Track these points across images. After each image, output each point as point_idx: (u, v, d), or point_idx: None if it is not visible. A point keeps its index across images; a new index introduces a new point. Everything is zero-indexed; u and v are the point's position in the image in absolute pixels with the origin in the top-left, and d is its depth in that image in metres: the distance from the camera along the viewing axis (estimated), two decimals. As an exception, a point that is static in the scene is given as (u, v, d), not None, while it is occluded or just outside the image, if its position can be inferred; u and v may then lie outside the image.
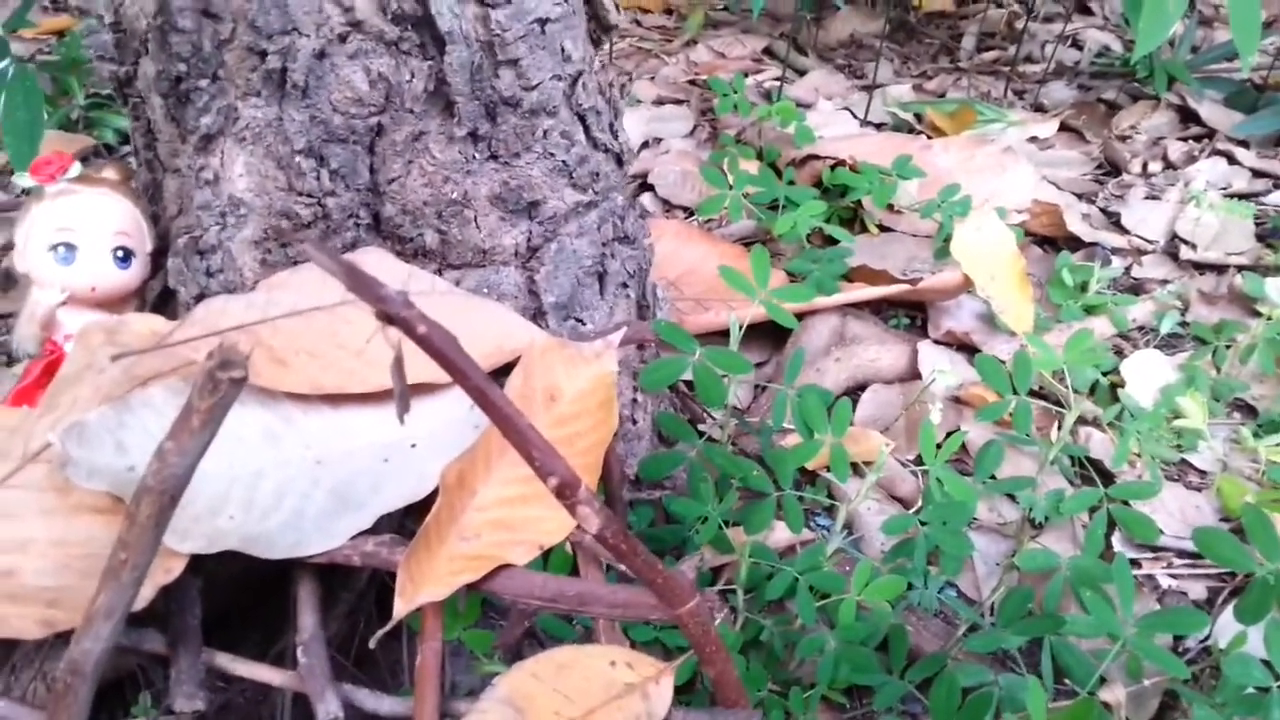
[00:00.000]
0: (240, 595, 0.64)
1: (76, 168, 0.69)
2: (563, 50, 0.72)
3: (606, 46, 0.79)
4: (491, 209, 0.72)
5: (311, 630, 0.54)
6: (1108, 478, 0.95)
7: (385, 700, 0.54)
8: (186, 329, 0.58)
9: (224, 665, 0.54)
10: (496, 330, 0.63)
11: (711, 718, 0.53)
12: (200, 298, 0.70)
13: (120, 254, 0.70)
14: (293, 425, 0.57)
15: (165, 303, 0.74)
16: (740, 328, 0.88)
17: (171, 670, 0.53)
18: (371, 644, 0.53)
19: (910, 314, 1.18)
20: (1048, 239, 1.34)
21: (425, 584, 0.54)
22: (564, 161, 0.74)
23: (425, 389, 0.62)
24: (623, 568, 0.50)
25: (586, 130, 0.76)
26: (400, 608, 0.53)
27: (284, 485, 0.54)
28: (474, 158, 0.71)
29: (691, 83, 1.72)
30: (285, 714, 0.66)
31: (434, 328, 0.44)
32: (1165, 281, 1.26)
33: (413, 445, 0.60)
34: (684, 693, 0.74)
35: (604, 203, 0.79)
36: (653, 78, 1.75)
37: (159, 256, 0.73)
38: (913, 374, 1.07)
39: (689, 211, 1.41)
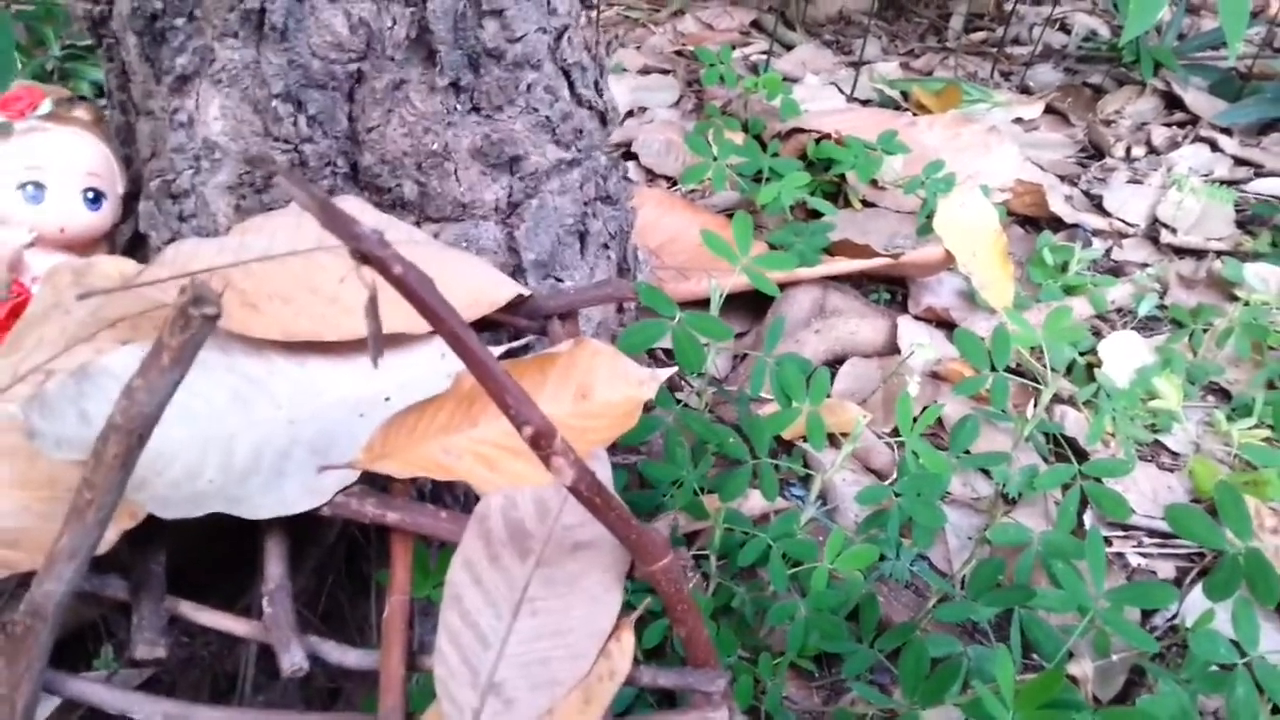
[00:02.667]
0: (208, 545, 0.63)
1: (47, 104, 0.67)
2: (549, 3, 0.70)
3: (594, 13, 0.77)
4: (472, 162, 0.71)
5: (278, 580, 0.53)
6: (1082, 455, 0.95)
7: (351, 653, 0.53)
8: (155, 270, 0.57)
9: (187, 614, 0.53)
10: (475, 283, 0.62)
11: (681, 677, 0.52)
12: (172, 242, 0.69)
13: (90, 195, 0.68)
14: (260, 386, 0.56)
15: (136, 247, 0.72)
16: (721, 295, 0.87)
17: (134, 617, 0.52)
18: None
19: (891, 289, 1.17)
20: (1029, 219, 1.34)
21: (390, 457, 0.54)
22: (547, 117, 0.73)
23: (398, 340, 0.61)
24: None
25: (571, 86, 0.75)
26: (361, 461, 0.53)
27: (260, 445, 0.53)
28: (455, 109, 0.70)
29: (678, 53, 1.70)
30: (250, 667, 0.65)
31: (410, 269, 0.43)
32: (1145, 265, 1.26)
33: (386, 398, 0.59)
34: (654, 656, 0.73)
35: (587, 161, 0.78)
36: (639, 47, 1.73)
37: (130, 200, 0.71)
38: (892, 348, 1.06)
39: (672, 181, 1.39)
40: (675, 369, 0.66)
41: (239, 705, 0.67)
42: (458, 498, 0.69)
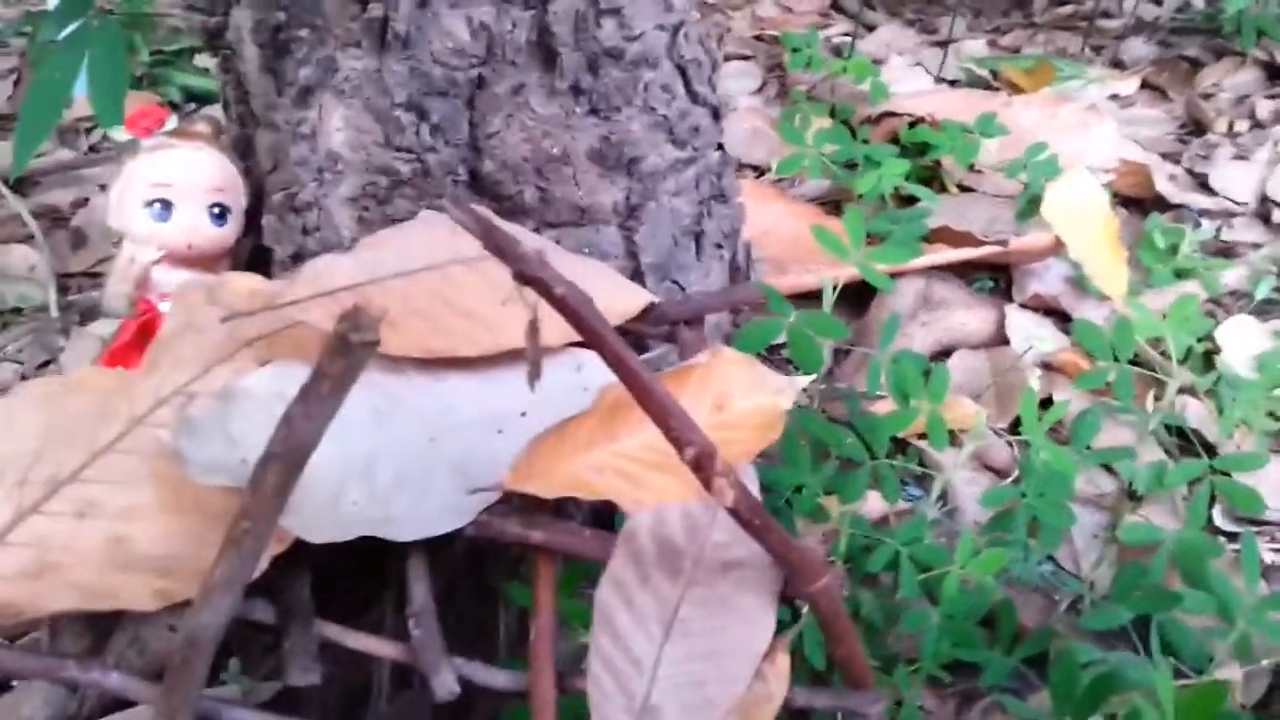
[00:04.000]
0: (342, 563, 0.63)
1: (173, 121, 0.68)
2: None
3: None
4: (591, 165, 0.70)
5: (423, 602, 0.53)
6: (1207, 448, 0.92)
7: (500, 675, 0.52)
8: (294, 289, 0.57)
9: (335, 637, 0.53)
10: (608, 292, 0.61)
11: (838, 699, 0.51)
12: (296, 256, 0.69)
13: (216, 210, 0.68)
14: (400, 404, 0.55)
15: (258, 261, 0.73)
16: (835, 291, 0.85)
17: (285, 642, 0.52)
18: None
19: (994, 277, 1.14)
20: (1132, 200, 1.29)
21: (536, 477, 0.53)
22: (664, 115, 0.72)
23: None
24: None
25: (687, 83, 0.74)
26: (509, 481, 0.52)
27: (402, 467, 0.53)
28: (574, 112, 0.69)
29: (758, 38, 1.67)
30: (384, 686, 0.65)
31: (571, 289, 0.42)
32: (1257, 245, 1.22)
33: (523, 414, 0.58)
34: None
35: (701, 159, 0.76)
36: (721, 34, 1.70)
37: (251, 214, 0.72)
38: (1000, 339, 1.04)
39: (759, 170, 1.37)
40: (813, 376, 0.64)
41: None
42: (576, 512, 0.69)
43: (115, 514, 0.52)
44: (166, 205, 0.67)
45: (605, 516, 0.66)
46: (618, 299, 0.60)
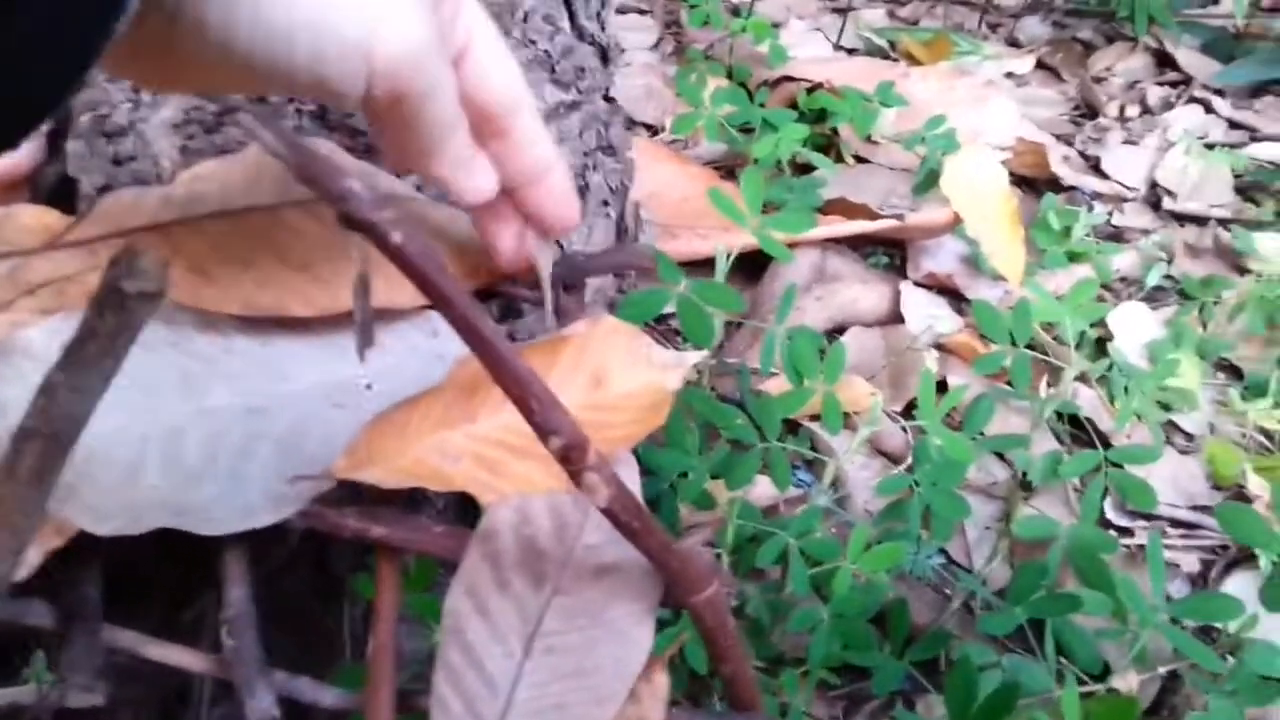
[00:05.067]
0: (144, 551, 0.54)
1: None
2: (552, -82, 0.61)
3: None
4: (460, 104, 0.61)
5: (240, 606, 0.44)
6: (1099, 437, 0.89)
7: (328, 692, 0.44)
8: (87, 226, 0.47)
9: (129, 645, 0.44)
10: (471, 247, 0.53)
11: (721, 720, 0.45)
12: (106, 189, 0.58)
13: (4, 130, 0.57)
14: (214, 368, 0.46)
15: (63, 193, 0.61)
16: (729, 259, 0.79)
17: (64, 656, 0.42)
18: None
19: (889, 252, 1.10)
20: (1026, 180, 1.27)
21: (376, 463, 0.45)
22: (545, 51, 0.64)
23: (381, 315, 0.51)
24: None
25: (572, 16, 0.66)
26: (341, 467, 0.44)
27: (214, 442, 0.44)
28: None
29: (655, -10, 1.59)
30: (203, 697, 0.56)
31: (411, 238, 0.34)
32: (1147, 231, 1.21)
33: (368, 385, 0.50)
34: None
35: (587, 104, 0.68)
36: (612, -18, 1.62)
37: (56, 137, 0.60)
38: (894, 317, 0.99)
39: (652, 130, 1.30)
40: (705, 352, 0.58)
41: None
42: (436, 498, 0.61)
43: None
44: (-59, 121, 0.55)
45: (469, 506, 0.59)
46: (484, 255, 0.52)
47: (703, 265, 0.86)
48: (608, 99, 0.74)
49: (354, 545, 0.63)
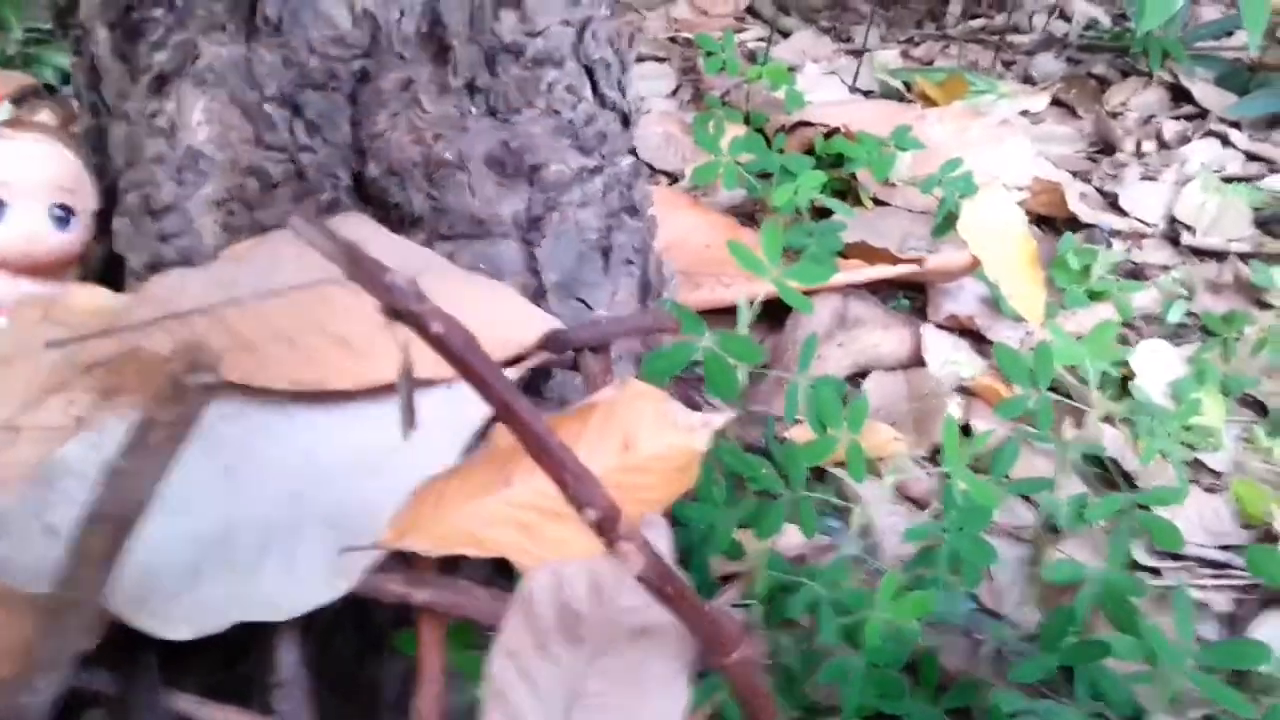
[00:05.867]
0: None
1: (6, 109, 0.59)
2: (573, -7, 0.63)
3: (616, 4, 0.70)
4: (488, 172, 0.64)
5: (292, 670, 0.46)
6: (1126, 477, 0.89)
7: (375, 754, 0.46)
8: (139, 309, 0.49)
9: (187, 710, 0.46)
10: (504, 319, 0.55)
11: (756, 778, 0.46)
12: (153, 266, 0.60)
13: (59, 212, 0.60)
14: (254, 457, 0.48)
15: (110, 270, 0.64)
16: (753, 310, 0.80)
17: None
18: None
19: (909, 295, 1.11)
20: (1044, 218, 1.28)
21: (419, 531, 0.47)
22: (569, 120, 0.66)
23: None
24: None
25: (594, 85, 0.68)
26: (388, 539, 0.46)
27: (264, 532, 0.46)
28: (470, 112, 0.62)
29: (673, 40, 1.62)
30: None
31: (451, 326, 0.36)
32: (1166, 267, 1.21)
33: (397, 451, 0.51)
34: None
35: (610, 168, 0.71)
36: (632, 34, 1.65)
37: (104, 216, 0.63)
38: (916, 360, 1.00)
39: (672, 177, 1.32)
40: (731, 414, 0.59)
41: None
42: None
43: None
44: (0, 205, 0.58)
45: (508, 565, 0.60)
46: (516, 325, 0.54)
47: (726, 313, 0.88)
48: (631, 157, 0.76)
49: (394, 603, 0.64)
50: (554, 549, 0.47)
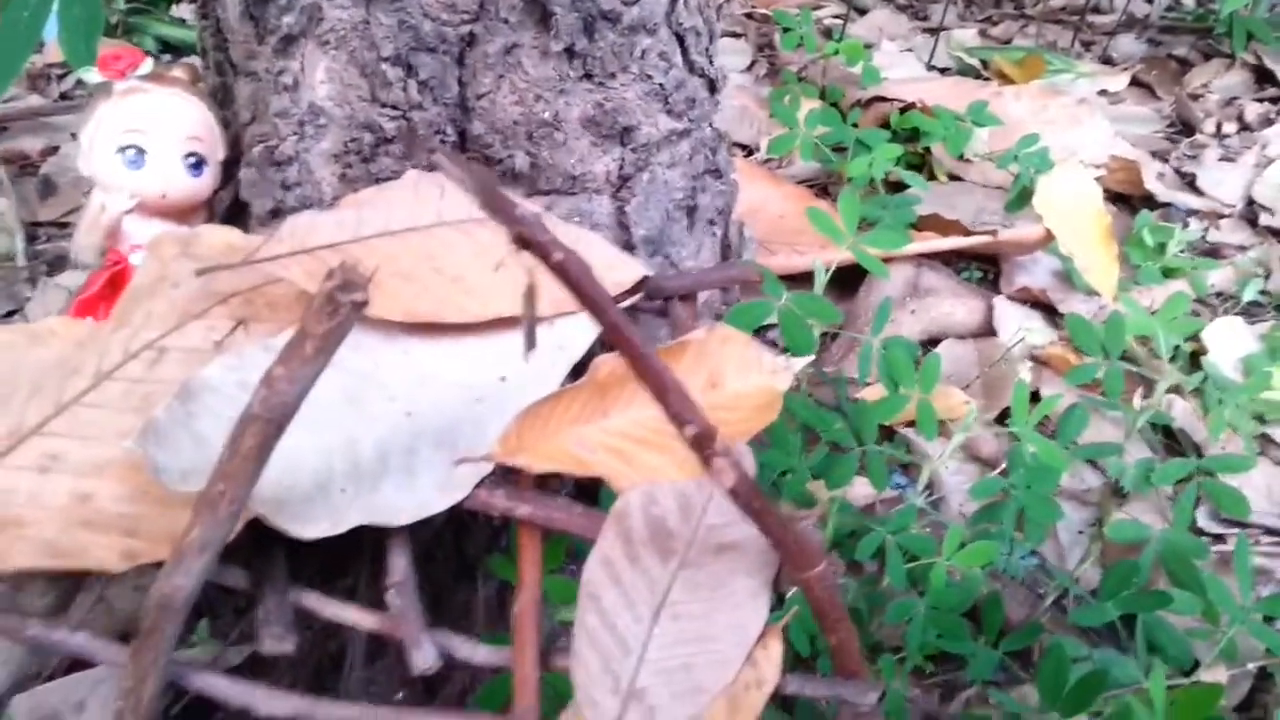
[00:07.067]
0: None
1: (148, 64, 0.64)
2: (668, -37, 0.67)
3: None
4: (583, 132, 0.67)
5: (403, 572, 0.50)
6: (1193, 448, 0.91)
7: (481, 649, 0.50)
8: (274, 245, 0.54)
9: (310, 605, 0.51)
10: (602, 263, 0.58)
11: (830, 687, 0.49)
12: (274, 211, 0.66)
13: (192, 160, 0.65)
14: (371, 381, 0.52)
15: (235, 215, 0.69)
16: (826, 274, 0.84)
17: (259, 609, 0.49)
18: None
19: (983, 267, 1.13)
20: (1120, 196, 1.29)
21: (525, 450, 0.51)
22: (660, 85, 0.69)
23: (506, 322, 0.57)
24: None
25: (684, 52, 0.71)
26: (498, 453, 0.51)
27: (383, 446, 0.50)
28: (568, 76, 0.66)
29: (749, 16, 1.65)
30: (357, 657, 0.63)
31: (570, 255, 0.40)
32: (1243, 247, 1.21)
33: (502, 378, 0.56)
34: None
35: (696, 131, 0.74)
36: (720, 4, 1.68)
37: (228, 165, 0.68)
38: (987, 330, 1.02)
39: (747, 149, 1.35)
40: (811, 358, 0.62)
41: (346, 696, 0.65)
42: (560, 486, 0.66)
43: (81, 470, 0.49)
44: (140, 152, 0.63)
45: (589, 493, 0.64)
46: (614, 268, 0.58)
47: (799, 280, 0.91)
48: (713, 126, 0.79)
49: (487, 531, 0.69)
50: (646, 474, 0.51)
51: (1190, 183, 1.33)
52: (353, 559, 0.64)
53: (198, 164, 0.65)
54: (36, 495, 0.49)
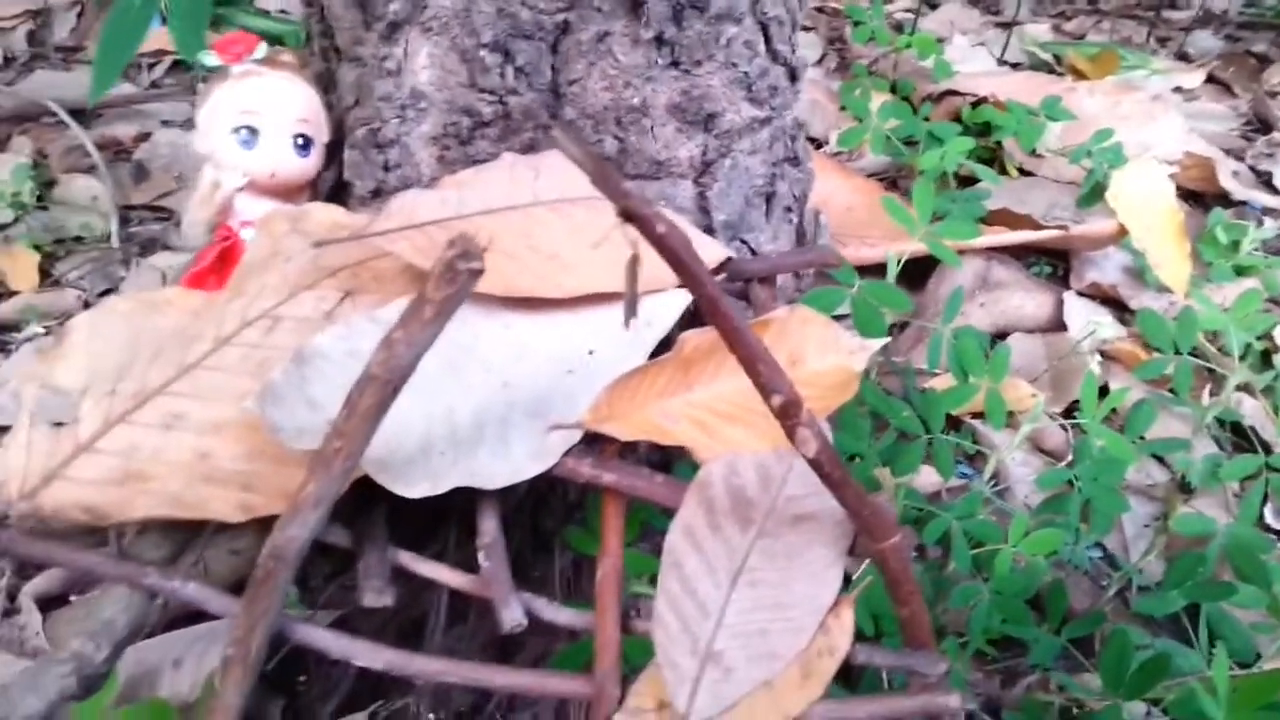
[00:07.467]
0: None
1: (263, 48, 0.68)
2: (754, -45, 0.68)
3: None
4: (669, 119, 0.70)
5: (493, 535, 0.53)
6: (1263, 446, 0.91)
7: (564, 612, 0.53)
8: (382, 221, 0.57)
9: (407, 564, 0.54)
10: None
11: (899, 658, 0.51)
12: (376, 192, 0.69)
13: (300, 141, 0.68)
14: (468, 353, 0.55)
15: (337, 195, 0.73)
16: (899, 263, 0.85)
17: (360, 565, 0.52)
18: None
19: (1052, 262, 1.13)
20: (1193, 194, 1.28)
21: (614, 419, 0.54)
22: (744, 73, 0.71)
23: (597, 298, 0.60)
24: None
25: (768, 41, 0.73)
26: (588, 421, 0.53)
27: (480, 414, 0.53)
28: (656, 63, 0.68)
29: (820, 10, 1.66)
30: (441, 617, 0.66)
31: (672, 229, 0.42)
32: (1319, 247, 1.20)
33: (590, 351, 0.59)
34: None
35: (777, 120, 0.76)
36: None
37: (331, 148, 0.72)
38: (1057, 324, 1.03)
39: (816, 143, 1.36)
40: (887, 340, 0.64)
41: (432, 652, 0.68)
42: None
43: (201, 428, 0.52)
44: (253, 132, 0.67)
45: (663, 466, 0.67)
46: (699, 248, 0.60)
47: (867, 272, 0.92)
48: (793, 115, 0.81)
49: (564, 505, 0.72)
50: (728, 445, 0.53)
51: (1266, 181, 1.32)
52: (442, 525, 0.67)
53: (305, 145, 0.69)
54: (160, 451, 0.52)
